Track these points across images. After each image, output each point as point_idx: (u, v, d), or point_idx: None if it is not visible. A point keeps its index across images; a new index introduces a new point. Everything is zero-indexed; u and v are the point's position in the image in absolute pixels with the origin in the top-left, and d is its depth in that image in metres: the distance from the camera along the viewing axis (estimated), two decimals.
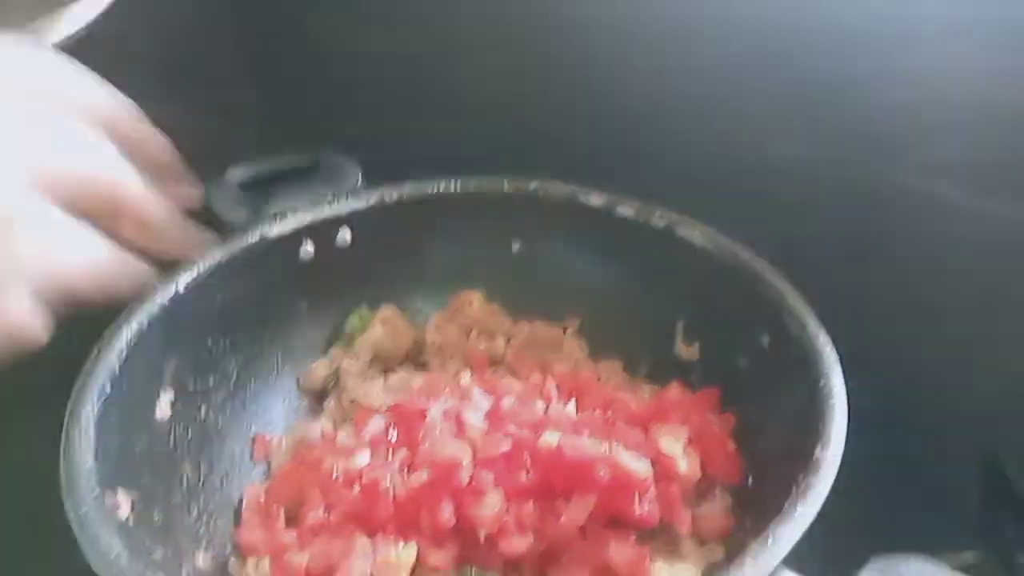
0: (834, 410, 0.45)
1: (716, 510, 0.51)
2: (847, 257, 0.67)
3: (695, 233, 0.61)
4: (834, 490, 0.42)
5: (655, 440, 0.52)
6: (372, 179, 0.70)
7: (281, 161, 0.72)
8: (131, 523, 0.45)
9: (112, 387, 0.49)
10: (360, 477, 0.51)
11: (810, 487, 0.41)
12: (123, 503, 0.45)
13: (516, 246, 0.70)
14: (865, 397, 0.47)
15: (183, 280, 0.57)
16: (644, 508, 0.47)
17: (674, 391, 0.58)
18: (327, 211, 0.65)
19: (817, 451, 0.43)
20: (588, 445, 0.48)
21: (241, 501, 0.56)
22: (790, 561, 0.38)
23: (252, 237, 0.62)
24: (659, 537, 0.49)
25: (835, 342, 0.50)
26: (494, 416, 0.54)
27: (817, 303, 0.54)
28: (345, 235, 0.66)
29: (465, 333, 0.69)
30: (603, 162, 0.74)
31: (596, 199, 0.66)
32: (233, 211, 0.65)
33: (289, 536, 0.51)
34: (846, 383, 0.47)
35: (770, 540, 0.38)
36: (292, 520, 0.53)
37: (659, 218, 0.63)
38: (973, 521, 0.58)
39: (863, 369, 0.49)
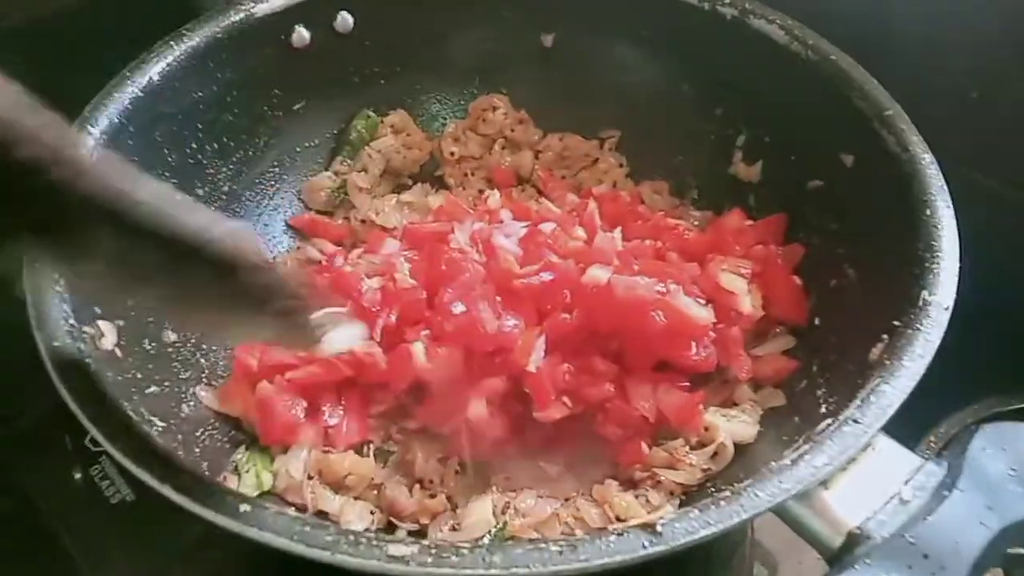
0: (943, 243, 0.38)
1: (776, 351, 0.46)
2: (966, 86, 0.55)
3: (772, 25, 0.50)
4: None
5: (713, 275, 0.45)
6: None
7: None
8: (118, 354, 0.39)
9: None
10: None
11: (918, 337, 0.34)
12: (108, 333, 0.39)
13: (548, 39, 0.59)
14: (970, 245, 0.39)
15: (157, 68, 0.47)
16: (701, 354, 0.41)
17: (734, 218, 0.51)
18: None
19: (924, 295, 0.36)
20: (642, 285, 0.41)
21: None
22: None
23: (234, 16, 0.50)
24: (711, 381, 0.44)
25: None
26: (529, 243, 0.47)
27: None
28: (346, 19, 0.55)
29: (487, 146, 0.60)
30: None
31: None
32: None
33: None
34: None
35: (872, 399, 0.32)
36: None
37: (728, 4, 0.52)
38: None
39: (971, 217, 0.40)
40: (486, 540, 0.37)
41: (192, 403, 0.43)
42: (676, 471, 0.39)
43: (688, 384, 0.42)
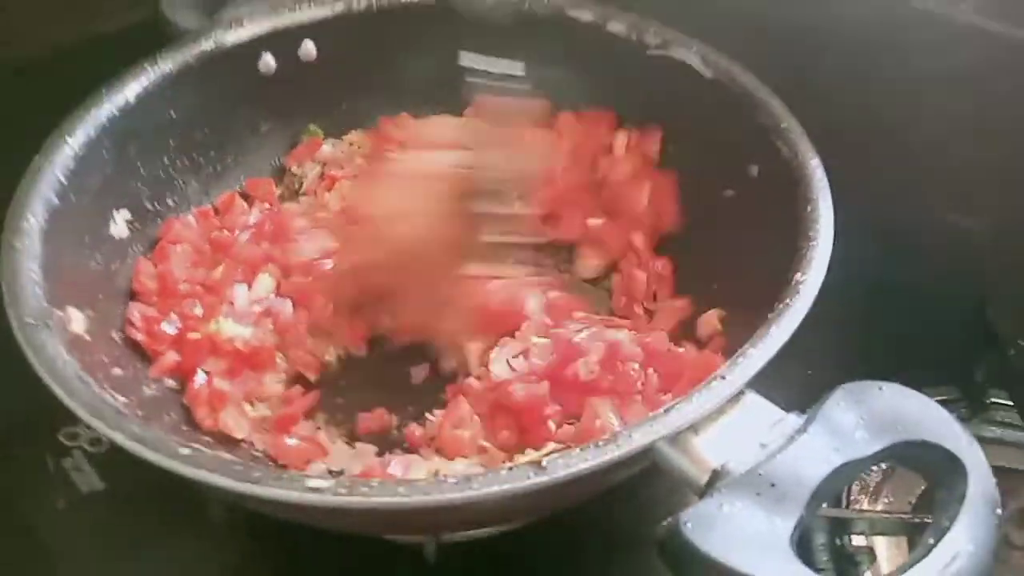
0: (818, 235, 0.43)
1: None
2: (846, 86, 0.62)
3: (691, 53, 0.56)
4: (811, 320, 0.40)
5: None
6: None
7: None
8: (87, 338, 0.44)
9: (59, 199, 0.46)
10: None
11: (786, 309, 0.39)
12: (75, 319, 0.44)
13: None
14: (852, 233, 0.45)
15: (132, 89, 0.53)
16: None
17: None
18: (287, 19, 0.59)
19: (797, 275, 0.41)
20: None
21: None
22: (757, 385, 0.37)
23: (206, 44, 0.56)
24: None
25: (828, 173, 0.47)
26: None
27: (814, 133, 0.50)
28: (309, 48, 0.61)
29: None
30: None
31: (587, 14, 0.60)
32: (186, 16, 0.60)
33: None
34: (835, 214, 0.45)
35: (740, 359, 0.36)
36: None
37: (653, 35, 0.58)
38: (949, 361, 0.58)
39: (852, 203, 0.46)
40: None
41: (155, 386, 0.48)
42: None
43: None
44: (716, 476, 0.33)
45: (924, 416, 0.35)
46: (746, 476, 0.33)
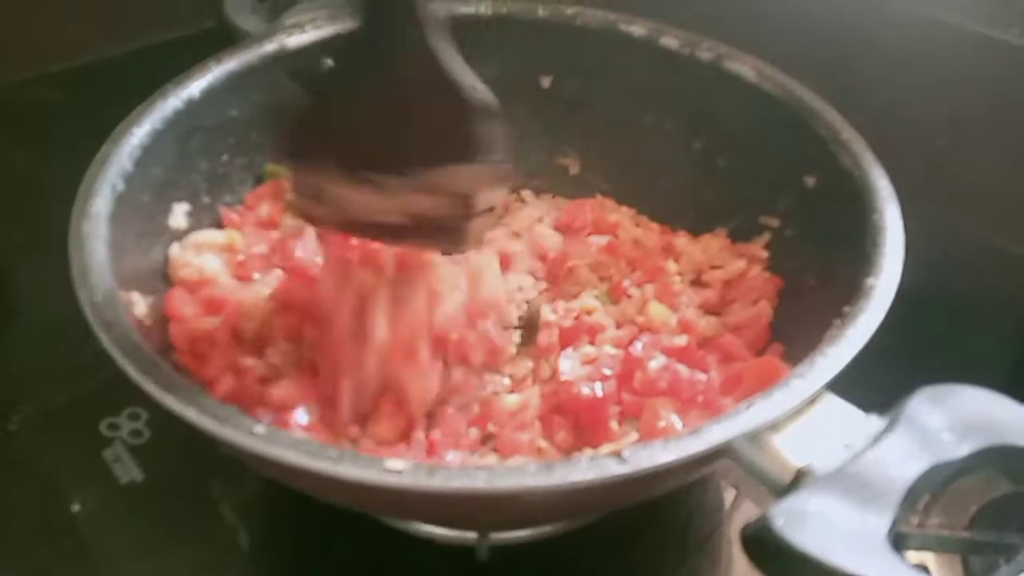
0: (888, 241, 0.43)
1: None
2: (895, 107, 0.63)
3: (744, 66, 0.57)
4: (883, 326, 0.40)
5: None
6: None
7: None
8: (147, 323, 0.44)
9: (126, 186, 0.47)
10: None
11: (861, 312, 0.39)
12: (138, 303, 0.44)
13: (547, 81, 0.65)
14: (919, 246, 0.44)
15: (197, 85, 0.53)
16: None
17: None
18: (347, 25, 0.60)
19: (870, 280, 0.40)
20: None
21: None
22: (835, 387, 0.37)
23: (270, 46, 0.57)
24: None
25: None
26: None
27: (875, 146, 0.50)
28: None
29: None
30: None
31: (638, 28, 0.60)
32: (249, 20, 0.61)
33: None
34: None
35: (818, 359, 0.36)
36: None
37: (706, 50, 0.58)
38: (1001, 381, 0.57)
39: (913, 218, 0.46)
40: None
41: None
42: None
43: None
44: (800, 475, 0.33)
45: (1015, 420, 0.34)
46: (834, 475, 0.32)
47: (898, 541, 0.46)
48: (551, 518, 0.41)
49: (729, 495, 0.52)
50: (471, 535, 0.46)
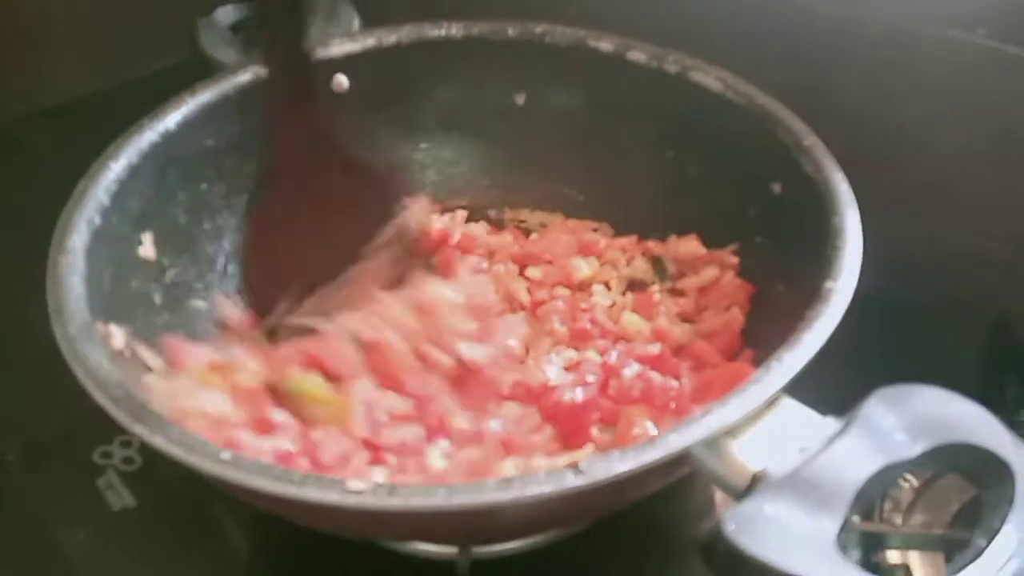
0: (847, 245, 0.43)
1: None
2: (865, 111, 0.63)
3: (709, 77, 0.58)
4: (840, 330, 0.41)
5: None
6: (371, 23, 0.67)
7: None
8: (126, 356, 0.45)
9: (102, 220, 0.48)
10: None
11: (818, 316, 0.39)
12: (116, 335, 0.45)
13: (521, 98, 0.66)
14: (873, 250, 0.45)
15: (173, 117, 0.55)
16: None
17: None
18: (320, 54, 0.61)
19: (828, 283, 0.41)
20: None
21: None
22: (793, 390, 0.37)
23: (243, 76, 0.59)
24: None
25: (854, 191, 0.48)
26: None
27: (835, 153, 0.51)
28: (341, 80, 0.63)
29: None
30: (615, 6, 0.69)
31: (606, 44, 0.62)
32: (223, 51, 0.62)
33: None
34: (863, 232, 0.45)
35: (774, 365, 0.37)
36: None
37: (672, 63, 0.59)
38: (976, 380, 0.58)
39: (871, 223, 0.46)
40: None
41: None
42: None
43: None
44: (756, 480, 0.33)
45: (966, 419, 0.35)
46: (787, 479, 0.32)
47: (877, 541, 0.47)
48: (522, 531, 0.41)
49: (718, 496, 0.52)
50: (452, 550, 0.47)
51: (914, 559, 0.47)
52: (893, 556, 0.47)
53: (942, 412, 0.35)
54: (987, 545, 0.30)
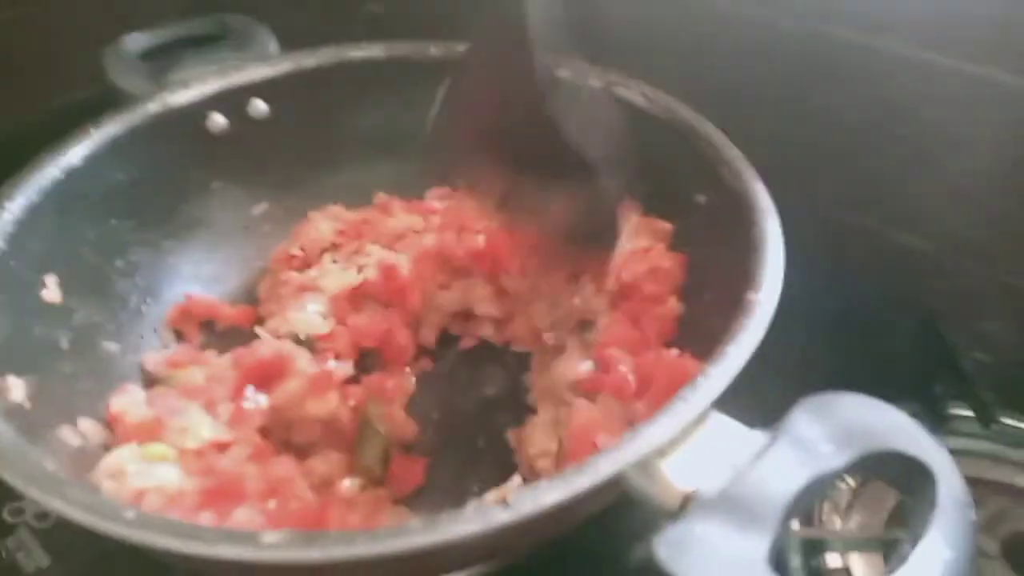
0: (767, 255, 0.44)
1: None
2: (793, 112, 0.65)
3: (632, 92, 0.58)
4: (769, 339, 0.41)
5: None
6: (288, 46, 0.65)
7: (184, 27, 0.66)
8: (27, 406, 0.42)
9: None
10: None
11: (742, 330, 0.39)
12: (15, 387, 0.42)
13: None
14: (802, 254, 0.46)
15: (78, 152, 0.52)
16: None
17: None
18: (235, 78, 0.60)
19: (750, 294, 0.41)
20: None
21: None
22: (720, 404, 0.37)
23: (153, 106, 0.56)
24: None
25: (775, 197, 0.49)
26: None
27: (760, 160, 0.52)
28: (259, 106, 0.61)
29: None
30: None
31: None
32: (132, 81, 0.59)
33: None
34: (787, 241, 0.46)
35: (700, 381, 0.36)
36: None
37: (596, 78, 0.59)
38: (907, 377, 0.59)
39: (804, 227, 0.47)
40: None
41: None
42: None
43: None
44: (687, 500, 0.33)
45: (888, 425, 0.35)
46: (717, 498, 0.32)
47: (816, 546, 0.47)
48: (455, 567, 0.40)
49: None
50: None
51: (854, 561, 0.48)
52: (833, 559, 0.47)
53: (866, 420, 0.35)
54: (913, 549, 0.30)
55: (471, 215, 0.58)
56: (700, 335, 0.46)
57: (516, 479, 0.41)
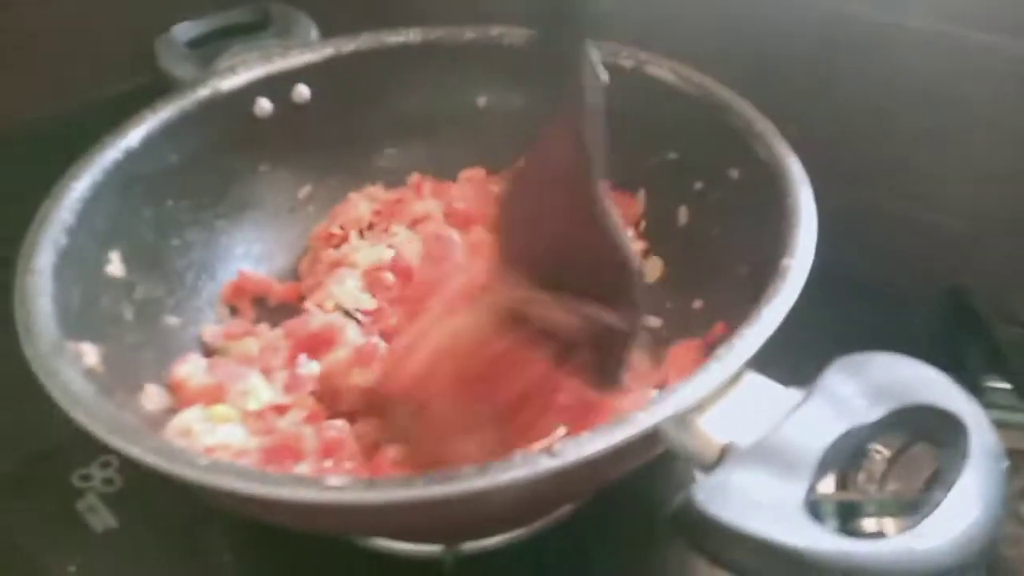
0: (801, 221, 0.45)
1: None
2: (820, 88, 0.65)
3: (663, 70, 0.59)
4: (799, 305, 0.42)
5: None
6: (329, 33, 0.67)
7: (229, 16, 0.68)
8: (100, 370, 0.45)
9: (68, 239, 0.48)
10: None
11: (777, 293, 0.40)
12: (89, 353, 0.45)
13: (483, 100, 0.67)
14: (832, 228, 0.46)
15: (136, 134, 0.55)
16: None
17: None
18: (279, 65, 0.62)
19: (785, 260, 0.43)
20: None
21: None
22: (754, 364, 0.38)
23: (203, 91, 0.59)
24: None
25: (807, 170, 0.49)
26: None
27: (789, 138, 0.53)
28: (302, 91, 0.64)
29: None
30: None
31: None
32: (181, 68, 0.62)
33: None
34: (819, 211, 0.47)
35: (736, 342, 0.38)
36: None
37: (626, 58, 0.61)
38: (938, 348, 0.59)
39: (833, 202, 0.48)
40: None
41: None
42: None
43: None
44: (724, 452, 0.34)
45: (921, 380, 0.36)
46: (753, 449, 0.34)
47: (852, 511, 0.48)
48: (499, 519, 0.42)
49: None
50: (436, 548, 0.47)
51: (888, 525, 0.48)
52: (869, 524, 0.48)
53: (898, 376, 0.36)
54: (944, 496, 0.32)
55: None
56: (736, 306, 0.48)
57: (560, 430, 0.42)
